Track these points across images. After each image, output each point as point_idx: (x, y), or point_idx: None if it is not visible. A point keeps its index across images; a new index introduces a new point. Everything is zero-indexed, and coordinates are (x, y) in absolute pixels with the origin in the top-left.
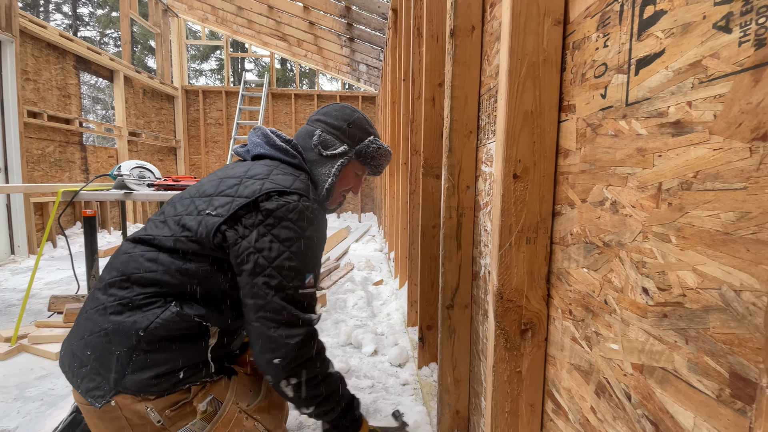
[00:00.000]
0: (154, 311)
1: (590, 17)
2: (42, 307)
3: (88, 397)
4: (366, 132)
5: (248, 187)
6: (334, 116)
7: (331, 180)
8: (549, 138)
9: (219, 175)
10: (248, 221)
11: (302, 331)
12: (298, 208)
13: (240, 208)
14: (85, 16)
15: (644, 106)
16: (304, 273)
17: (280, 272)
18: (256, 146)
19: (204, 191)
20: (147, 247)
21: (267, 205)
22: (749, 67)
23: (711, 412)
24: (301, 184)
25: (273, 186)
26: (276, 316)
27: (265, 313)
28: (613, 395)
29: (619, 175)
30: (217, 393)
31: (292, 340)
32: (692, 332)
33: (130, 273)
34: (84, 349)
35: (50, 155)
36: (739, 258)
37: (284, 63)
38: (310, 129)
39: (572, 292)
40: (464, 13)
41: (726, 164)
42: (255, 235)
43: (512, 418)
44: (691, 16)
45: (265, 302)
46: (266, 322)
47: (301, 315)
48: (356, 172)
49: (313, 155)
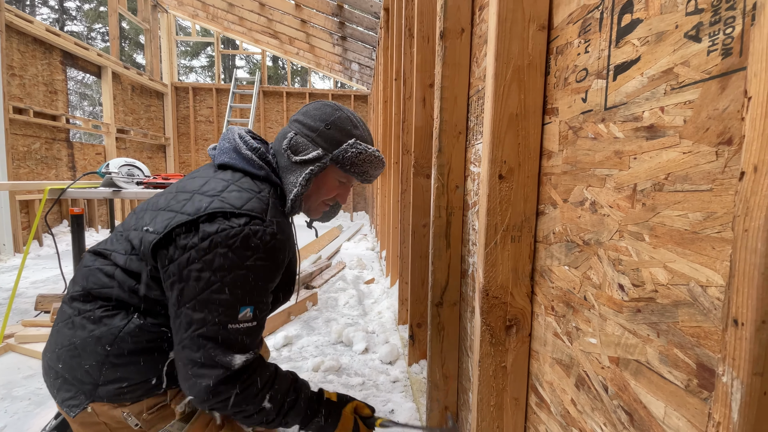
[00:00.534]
0: (117, 324)
1: (572, 23)
2: (28, 306)
3: (64, 407)
4: (347, 134)
5: (194, 204)
6: (312, 116)
7: (296, 190)
8: (533, 140)
9: (179, 185)
10: (182, 242)
11: (216, 373)
12: (243, 233)
13: (177, 226)
14: (72, 11)
15: (621, 110)
16: (236, 307)
17: (206, 305)
18: (222, 153)
19: (156, 203)
20: (105, 261)
21: (207, 228)
22: (716, 75)
23: (680, 402)
24: (256, 204)
25: (221, 205)
26: (191, 352)
27: (182, 350)
28: (591, 387)
29: (598, 177)
30: None
31: (203, 381)
32: (663, 326)
33: (90, 288)
34: (56, 362)
35: (36, 152)
36: (705, 255)
37: (276, 60)
38: (286, 130)
39: (554, 288)
40: (454, 15)
41: (694, 167)
42: (185, 259)
43: (497, 412)
44: (664, 25)
45: (185, 335)
46: (182, 359)
47: (220, 356)
48: (339, 180)
49: (284, 160)
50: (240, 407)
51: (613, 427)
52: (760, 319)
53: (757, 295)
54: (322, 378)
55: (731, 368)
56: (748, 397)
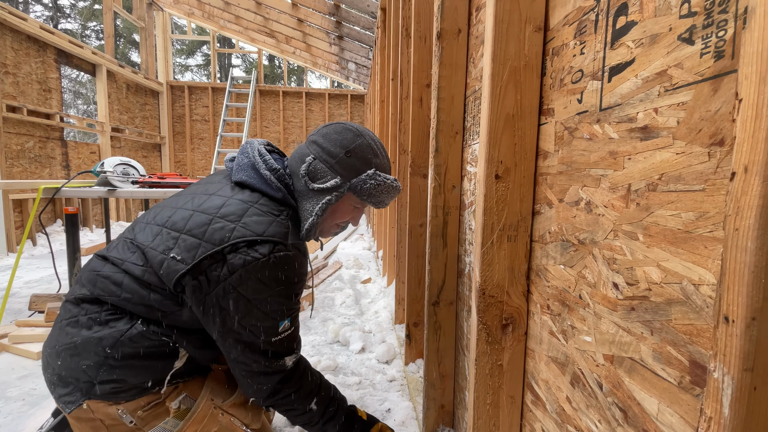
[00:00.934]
0: (120, 328)
1: (568, 25)
2: (22, 306)
3: (60, 402)
4: (367, 163)
5: (216, 232)
6: (333, 140)
7: (312, 220)
8: (529, 140)
9: (195, 202)
10: (213, 274)
11: (275, 378)
12: (269, 262)
13: (204, 258)
14: (66, 8)
15: (616, 111)
16: (276, 324)
17: (248, 329)
18: (240, 170)
19: (174, 223)
20: (115, 268)
21: (233, 259)
22: (709, 77)
23: (673, 398)
24: (277, 228)
25: (243, 234)
26: (247, 368)
27: (237, 364)
28: (586, 385)
29: (593, 177)
30: (190, 391)
31: (264, 386)
32: (657, 324)
33: (98, 294)
34: (56, 358)
35: (30, 151)
36: (697, 254)
37: (272, 60)
38: (304, 152)
39: (550, 287)
40: (451, 16)
41: (687, 167)
42: (220, 291)
43: (493, 410)
44: (658, 27)
45: (236, 355)
46: (239, 372)
47: (273, 364)
48: (354, 206)
49: (300, 185)
50: (293, 405)
51: (608, 424)
52: (750, 316)
53: (747, 292)
54: None
55: (722, 364)
56: (738, 393)
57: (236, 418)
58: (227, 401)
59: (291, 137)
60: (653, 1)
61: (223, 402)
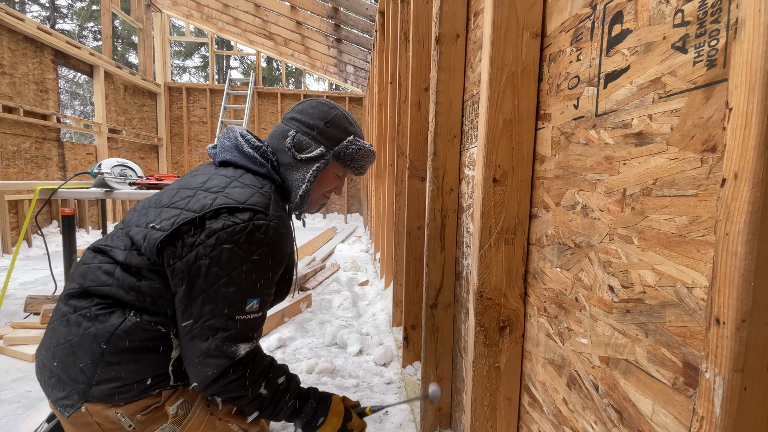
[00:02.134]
0: (113, 322)
1: (565, 32)
2: (17, 308)
3: (57, 406)
4: (345, 131)
5: (199, 201)
6: (310, 114)
7: (305, 186)
8: (527, 145)
9: (180, 183)
10: (189, 239)
11: (221, 362)
12: (248, 228)
13: (184, 224)
14: (64, 9)
15: (611, 117)
16: (244, 299)
17: (215, 299)
18: (224, 151)
19: (159, 200)
20: (105, 257)
21: (212, 224)
22: (702, 85)
23: (667, 399)
24: (259, 198)
25: (225, 201)
26: (200, 342)
27: (191, 337)
28: (582, 387)
29: (589, 181)
30: (188, 396)
31: (208, 370)
32: (651, 326)
33: (88, 285)
34: (51, 359)
35: (26, 151)
36: (691, 258)
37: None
38: (284, 128)
39: (547, 290)
40: (449, 21)
41: (680, 173)
42: (193, 256)
43: (491, 412)
44: (653, 36)
45: (195, 326)
46: (190, 345)
47: (227, 347)
48: (336, 174)
49: (287, 158)
50: (238, 392)
51: (604, 425)
52: (740, 318)
53: (737, 295)
54: (316, 380)
55: (714, 365)
56: (729, 392)
57: (234, 423)
58: (223, 407)
59: None
60: (648, 10)
61: (219, 408)
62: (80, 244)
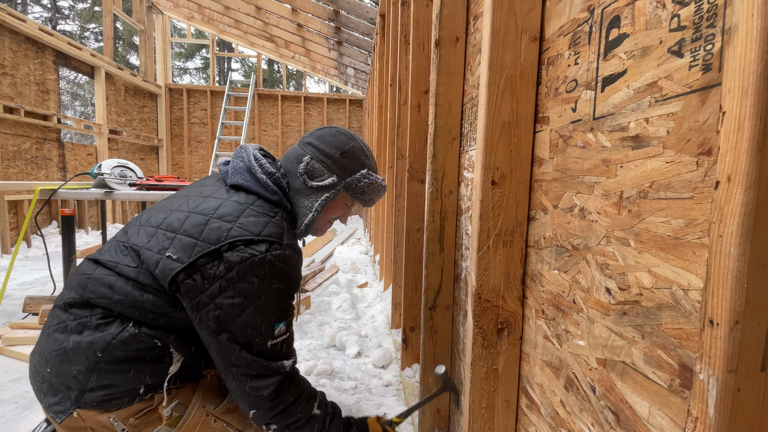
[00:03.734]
0: (111, 332)
1: (563, 36)
2: (16, 308)
3: (50, 412)
4: (360, 164)
5: (213, 231)
6: (328, 142)
7: (311, 216)
8: (525, 147)
9: (190, 204)
10: (209, 272)
11: (274, 380)
12: (266, 260)
13: (201, 257)
14: (65, 9)
15: (609, 120)
16: (272, 326)
17: (244, 329)
18: (236, 173)
19: (170, 224)
20: (107, 271)
21: (230, 257)
22: (697, 89)
23: (663, 401)
24: (273, 229)
25: (240, 233)
26: (245, 370)
27: (233, 368)
28: (580, 389)
29: (586, 184)
30: (182, 398)
31: (264, 392)
32: (648, 328)
33: (88, 297)
34: (45, 365)
35: (26, 152)
36: (686, 260)
37: (271, 64)
38: (299, 152)
39: (545, 292)
40: (449, 24)
41: (677, 176)
42: (216, 289)
43: (489, 414)
44: (649, 40)
45: (232, 358)
46: (236, 377)
47: (272, 365)
48: (345, 203)
49: (298, 183)
50: (296, 416)
51: (600, 427)
52: (734, 319)
53: (730, 296)
54: (314, 381)
55: (708, 366)
56: (723, 393)
57: (229, 424)
58: (219, 407)
59: (289, 141)
60: (645, 14)
61: (215, 408)
62: (80, 244)
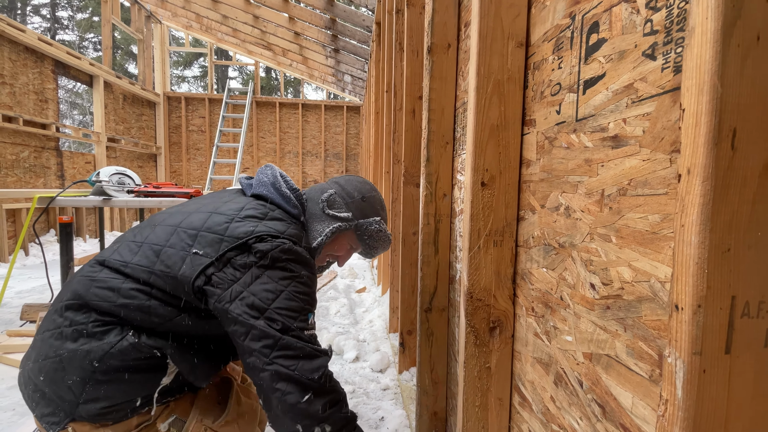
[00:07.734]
0: (109, 341)
1: (547, 41)
2: (13, 316)
3: (43, 422)
4: (375, 212)
5: (239, 228)
6: (354, 185)
7: (321, 239)
8: (513, 149)
9: (209, 207)
10: (239, 262)
11: (323, 362)
12: (294, 249)
13: (230, 249)
14: (65, 20)
15: (590, 121)
16: (306, 312)
17: (281, 313)
18: (261, 185)
19: (190, 223)
20: (113, 273)
21: (260, 246)
22: (669, 90)
23: (645, 392)
24: (294, 231)
25: (266, 230)
26: (293, 352)
27: (279, 351)
28: (568, 384)
29: (571, 183)
30: (180, 412)
31: (316, 374)
32: (629, 321)
33: (88, 300)
34: (38, 373)
35: (25, 160)
36: (662, 253)
37: (269, 71)
38: (325, 186)
39: (534, 290)
40: (440, 31)
41: (652, 173)
42: (249, 277)
43: (482, 412)
44: (626, 44)
45: (274, 341)
46: (283, 361)
47: (317, 347)
48: (350, 245)
49: (316, 209)
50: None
51: (588, 420)
52: (696, 303)
53: (693, 282)
54: None
55: (675, 349)
56: (689, 375)
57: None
58: (219, 420)
59: (287, 147)
60: (621, 20)
61: (214, 422)
62: (77, 252)
